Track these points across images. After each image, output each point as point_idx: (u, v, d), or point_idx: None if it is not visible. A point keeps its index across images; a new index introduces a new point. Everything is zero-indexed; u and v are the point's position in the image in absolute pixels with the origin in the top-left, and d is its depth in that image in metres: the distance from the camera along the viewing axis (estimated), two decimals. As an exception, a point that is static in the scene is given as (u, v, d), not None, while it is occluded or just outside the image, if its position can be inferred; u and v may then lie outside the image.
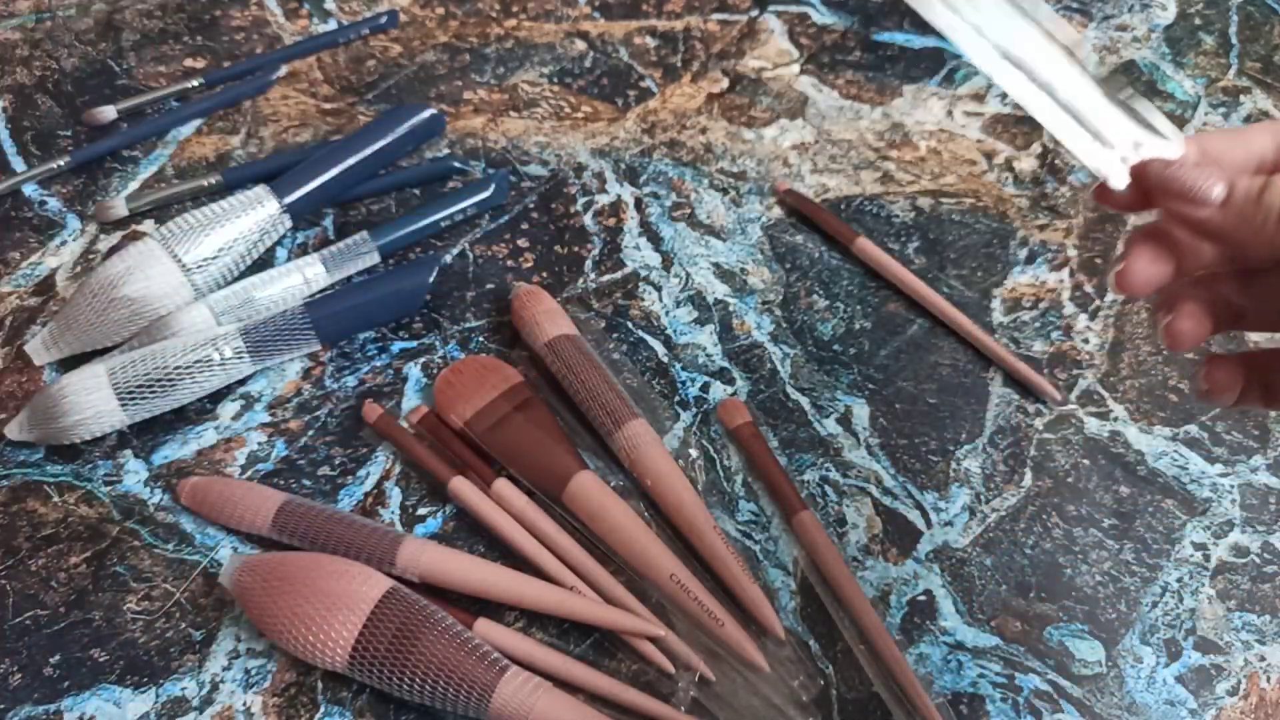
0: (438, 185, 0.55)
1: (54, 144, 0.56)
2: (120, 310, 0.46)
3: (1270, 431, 0.47)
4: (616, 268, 0.53)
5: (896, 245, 0.54)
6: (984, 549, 0.44)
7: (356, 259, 0.51)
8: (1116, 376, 0.49)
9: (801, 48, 0.63)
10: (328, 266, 0.50)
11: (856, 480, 0.46)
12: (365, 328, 0.50)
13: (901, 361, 0.50)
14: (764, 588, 0.42)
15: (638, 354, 0.49)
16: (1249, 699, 0.41)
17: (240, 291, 0.48)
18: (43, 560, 0.43)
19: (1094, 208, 0.55)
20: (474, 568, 0.41)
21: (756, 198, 0.56)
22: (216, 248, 0.48)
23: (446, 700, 0.37)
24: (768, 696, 0.39)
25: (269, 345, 0.47)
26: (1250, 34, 0.64)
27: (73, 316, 0.47)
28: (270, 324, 0.47)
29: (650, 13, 0.64)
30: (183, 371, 0.45)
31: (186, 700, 0.39)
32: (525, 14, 0.64)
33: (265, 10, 0.63)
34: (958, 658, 0.41)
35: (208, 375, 0.46)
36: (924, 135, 0.58)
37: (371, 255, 0.51)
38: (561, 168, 0.56)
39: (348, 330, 0.49)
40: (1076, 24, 0.64)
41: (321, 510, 0.42)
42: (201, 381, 0.46)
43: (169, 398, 0.45)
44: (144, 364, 0.45)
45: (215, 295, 0.48)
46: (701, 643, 0.40)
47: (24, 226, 0.53)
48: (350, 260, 0.51)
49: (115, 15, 0.63)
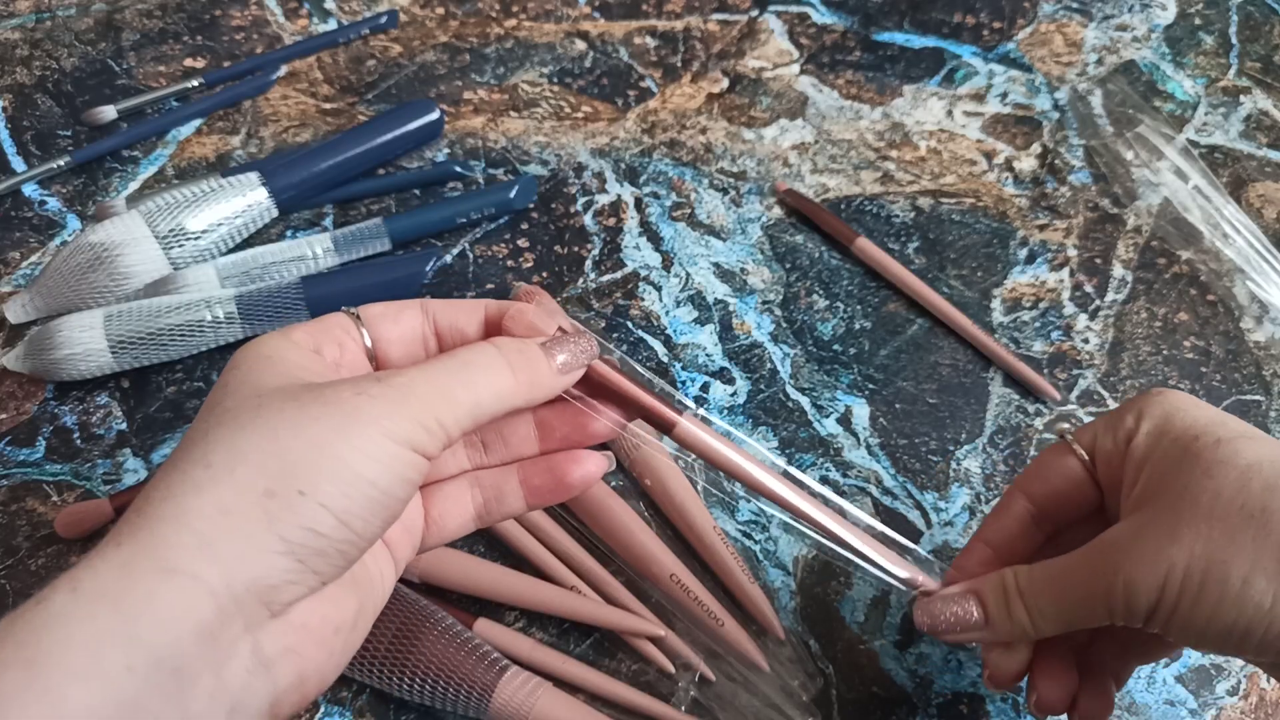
0: (449, 185, 0.55)
1: (54, 144, 0.56)
2: (97, 278, 0.48)
3: (1270, 431, 0.47)
4: (616, 268, 0.53)
5: (896, 245, 0.54)
6: (984, 549, 0.44)
7: (367, 243, 0.51)
8: (1116, 376, 0.49)
9: (801, 48, 0.63)
10: (338, 247, 0.51)
11: (856, 480, 0.46)
12: None
13: (901, 361, 0.50)
14: (764, 588, 0.42)
15: (638, 354, 0.49)
16: (1249, 699, 0.41)
17: (249, 259, 0.50)
18: (43, 560, 0.43)
19: (1093, 208, 0.55)
20: (474, 568, 0.41)
21: (756, 198, 0.56)
22: (198, 227, 0.49)
23: (446, 700, 0.37)
24: (768, 696, 0.39)
25: (260, 313, 0.48)
26: (1250, 34, 0.64)
27: (51, 280, 0.48)
28: (265, 293, 0.48)
29: (650, 13, 0.64)
30: (175, 329, 0.46)
31: (186, 700, 0.39)
32: (525, 14, 0.64)
33: (265, 10, 0.63)
34: (958, 657, 0.41)
35: (198, 335, 0.47)
36: (924, 135, 0.58)
37: (382, 242, 0.52)
38: (561, 168, 0.56)
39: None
40: (1077, 23, 0.64)
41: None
42: (192, 341, 0.47)
43: (158, 352, 0.47)
44: (138, 316, 0.46)
45: (224, 259, 0.49)
46: (701, 643, 0.40)
47: (24, 226, 0.53)
48: (361, 244, 0.51)
49: (115, 15, 0.63)
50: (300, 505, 0.24)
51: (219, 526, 0.23)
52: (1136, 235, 0.54)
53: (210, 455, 0.24)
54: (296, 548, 0.24)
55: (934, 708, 0.40)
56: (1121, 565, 0.29)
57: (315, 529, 0.24)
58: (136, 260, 0.48)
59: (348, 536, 0.25)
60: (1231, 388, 0.49)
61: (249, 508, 0.23)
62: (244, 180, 0.51)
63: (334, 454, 0.24)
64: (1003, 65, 0.62)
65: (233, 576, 0.23)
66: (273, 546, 0.23)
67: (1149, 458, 0.31)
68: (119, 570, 0.22)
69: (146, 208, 0.49)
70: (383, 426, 0.25)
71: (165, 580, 0.22)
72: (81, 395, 0.47)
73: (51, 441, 0.46)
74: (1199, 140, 0.58)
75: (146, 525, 0.23)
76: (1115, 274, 0.53)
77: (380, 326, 0.30)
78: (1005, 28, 0.64)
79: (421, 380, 0.26)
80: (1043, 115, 0.59)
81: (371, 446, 0.25)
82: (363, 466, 0.25)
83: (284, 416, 0.25)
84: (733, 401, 0.48)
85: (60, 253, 0.48)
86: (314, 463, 0.24)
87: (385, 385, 0.26)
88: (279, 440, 0.24)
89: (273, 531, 0.23)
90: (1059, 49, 0.63)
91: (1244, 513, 0.28)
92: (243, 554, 0.23)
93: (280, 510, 0.24)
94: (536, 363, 0.29)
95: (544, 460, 0.31)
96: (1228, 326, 0.51)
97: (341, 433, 0.24)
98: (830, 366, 0.49)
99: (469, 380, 0.27)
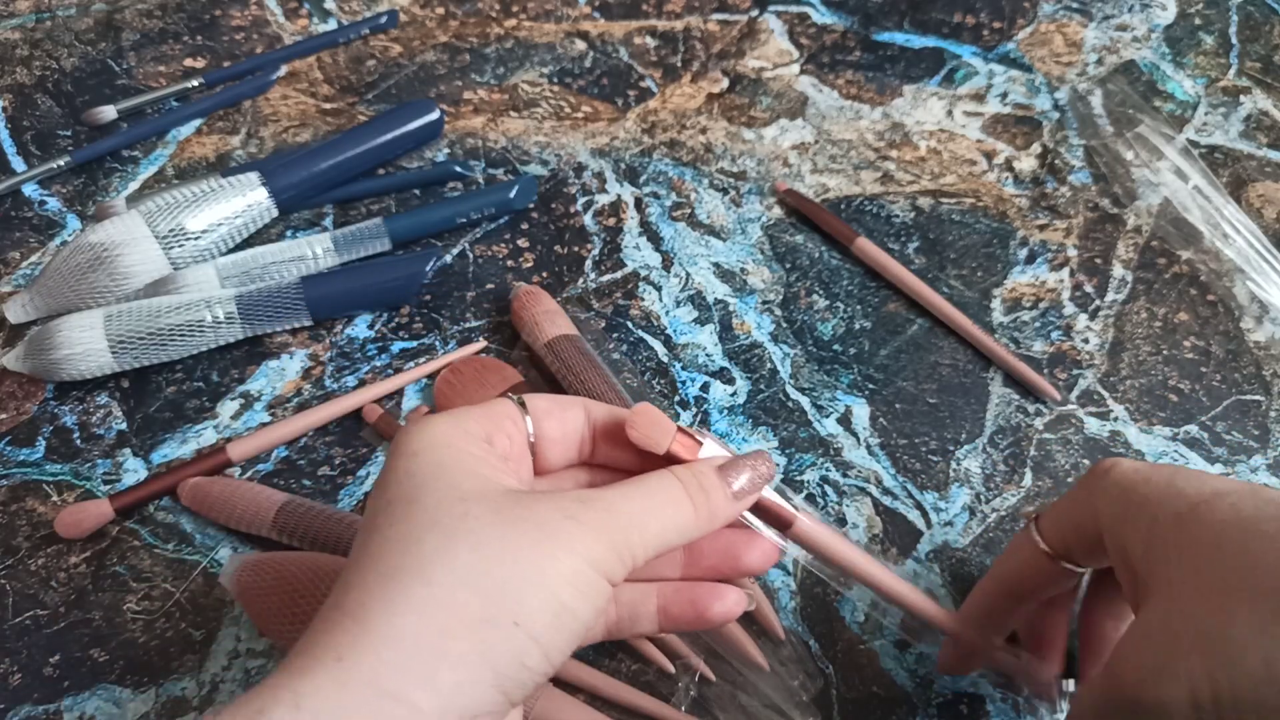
0: (449, 185, 0.55)
1: (54, 144, 0.56)
2: (97, 278, 0.48)
3: (1270, 431, 0.47)
4: (616, 268, 0.53)
5: (896, 245, 0.54)
6: (984, 549, 0.44)
7: (367, 243, 0.51)
8: (1116, 376, 0.49)
9: (801, 48, 0.63)
10: (338, 247, 0.51)
11: (856, 480, 0.46)
12: (357, 310, 0.50)
13: (901, 361, 0.50)
14: (764, 588, 0.42)
15: (638, 354, 0.49)
16: (1249, 699, 0.40)
17: (249, 259, 0.50)
18: (42, 560, 0.43)
19: (1093, 208, 0.55)
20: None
21: (756, 198, 0.55)
22: (198, 227, 0.49)
23: (446, 700, 0.37)
24: (768, 696, 0.39)
25: (260, 314, 0.48)
26: (1250, 34, 0.64)
27: (51, 281, 0.48)
28: (265, 293, 0.48)
29: (650, 13, 0.64)
30: (175, 329, 0.46)
31: (186, 700, 0.39)
32: (525, 14, 0.64)
33: (265, 10, 0.63)
34: (958, 658, 0.41)
35: (198, 335, 0.47)
36: (924, 135, 0.58)
37: (382, 242, 0.51)
38: (561, 168, 0.56)
39: (339, 310, 0.50)
40: (1077, 23, 0.64)
41: (321, 510, 0.42)
42: (192, 341, 0.47)
43: (158, 352, 0.47)
44: (138, 316, 0.46)
45: (224, 259, 0.49)
46: (701, 643, 0.40)
47: (24, 226, 0.53)
48: (360, 244, 0.51)
49: (115, 15, 0.63)
50: (514, 637, 0.24)
51: (439, 654, 0.23)
52: (1136, 235, 0.54)
53: (429, 571, 0.24)
54: (505, 680, 0.24)
55: (934, 708, 0.40)
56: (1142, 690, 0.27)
57: (525, 663, 0.24)
58: (136, 260, 0.48)
59: (546, 669, 0.25)
60: (1231, 388, 0.49)
61: (467, 634, 0.24)
62: (244, 180, 0.51)
63: (542, 582, 0.24)
64: (1003, 65, 0.62)
65: (447, 707, 0.23)
66: (486, 679, 0.24)
67: (1125, 550, 0.30)
68: (339, 690, 0.23)
69: (146, 208, 0.49)
70: (586, 553, 0.25)
71: (386, 705, 0.23)
72: (81, 395, 0.47)
73: (51, 441, 0.46)
74: (1199, 140, 0.58)
75: (370, 645, 0.23)
76: (1115, 274, 0.53)
77: (545, 424, 0.30)
78: (1005, 28, 0.64)
79: (619, 507, 0.26)
80: (1043, 115, 0.59)
81: (575, 575, 0.25)
82: (567, 596, 0.25)
83: (494, 533, 0.25)
84: (733, 401, 0.48)
85: (60, 253, 0.48)
86: (524, 590, 0.24)
87: (587, 508, 0.26)
88: (490, 560, 0.24)
89: (487, 664, 0.24)
90: (1059, 49, 0.63)
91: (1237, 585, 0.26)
92: (459, 686, 0.24)
93: (496, 641, 0.24)
94: (714, 493, 0.28)
95: (687, 589, 0.31)
96: (1228, 326, 0.51)
97: (551, 558, 0.25)
98: (830, 366, 0.49)
99: (657, 511, 0.27)
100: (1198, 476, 0.30)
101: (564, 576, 0.25)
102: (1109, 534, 0.31)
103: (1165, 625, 0.27)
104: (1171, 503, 0.29)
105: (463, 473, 0.26)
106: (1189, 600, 0.27)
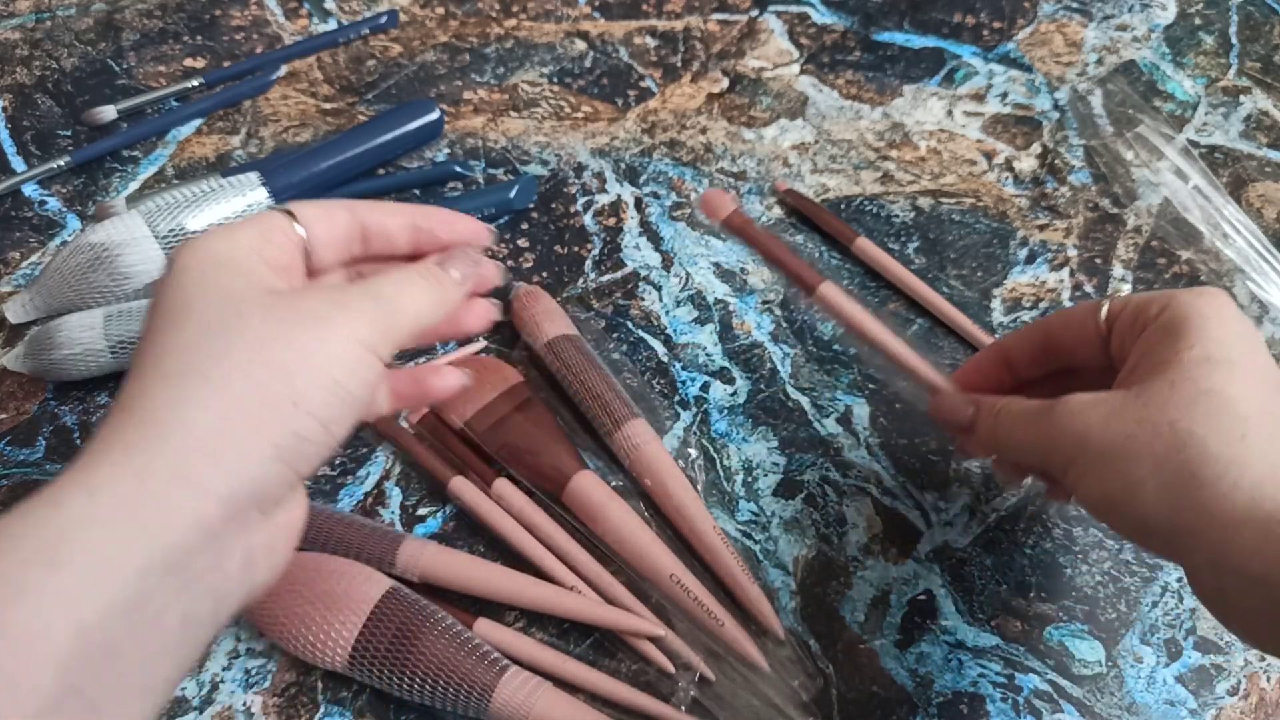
0: (449, 185, 0.55)
1: (54, 144, 0.56)
2: (97, 278, 0.48)
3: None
4: (616, 268, 0.53)
5: (896, 245, 0.54)
6: (984, 549, 0.44)
7: None
8: (1116, 376, 0.49)
9: (801, 48, 0.63)
10: None
11: (856, 480, 0.46)
12: None
13: (901, 361, 0.50)
14: (764, 588, 0.42)
15: (638, 354, 0.49)
16: (1249, 699, 0.41)
17: None
18: (43, 560, 0.43)
19: (1093, 208, 0.55)
20: (474, 568, 0.41)
21: (756, 198, 0.56)
22: (198, 227, 0.49)
23: (446, 700, 0.37)
24: (768, 696, 0.39)
25: None
26: (1250, 34, 0.64)
27: (51, 281, 0.48)
28: None
29: (650, 13, 0.64)
30: None
31: (186, 700, 0.39)
32: (525, 14, 0.64)
33: (265, 10, 0.63)
34: (958, 657, 0.41)
35: None
36: (924, 135, 0.58)
37: None
38: (561, 168, 0.56)
39: None
40: (1077, 23, 0.64)
41: (321, 510, 0.42)
42: None
43: None
44: (138, 316, 0.46)
45: None
46: (701, 643, 0.40)
47: (24, 226, 0.53)
48: None
49: (115, 15, 0.63)
50: (293, 416, 0.26)
51: (222, 437, 0.25)
52: (1136, 235, 0.54)
53: (206, 369, 0.26)
54: (286, 452, 0.26)
55: (934, 708, 0.40)
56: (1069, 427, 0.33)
57: (306, 437, 0.27)
58: (136, 260, 0.48)
59: (328, 440, 0.28)
60: (1231, 388, 0.49)
61: (246, 418, 0.26)
62: (244, 180, 0.51)
63: (315, 364, 0.27)
64: (1003, 65, 0.62)
65: (236, 483, 0.25)
66: (269, 454, 0.26)
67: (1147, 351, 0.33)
68: (134, 478, 0.24)
69: (146, 208, 0.49)
70: (354, 334, 0.28)
71: (179, 489, 0.25)
72: (81, 395, 0.47)
73: (51, 441, 0.46)
74: (1199, 140, 0.58)
75: (158, 435, 0.25)
76: (1115, 274, 0.53)
77: (316, 228, 0.31)
78: (1005, 28, 0.64)
79: (378, 292, 0.30)
80: (1043, 115, 0.59)
81: (345, 354, 0.28)
82: (340, 373, 0.27)
83: (267, 328, 0.27)
84: (733, 401, 0.48)
85: (60, 253, 0.48)
86: (297, 372, 0.27)
87: (350, 295, 0.29)
88: (266, 352, 0.27)
89: (269, 441, 0.26)
90: (1059, 49, 0.63)
91: (1172, 429, 0.31)
92: (244, 464, 0.26)
93: (276, 420, 0.26)
94: (442, 278, 0.32)
95: (410, 371, 0.34)
96: (1228, 326, 0.51)
97: (320, 340, 0.27)
98: (830, 366, 0.49)
99: (409, 294, 0.30)
100: (1260, 357, 0.33)
101: (334, 357, 0.27)
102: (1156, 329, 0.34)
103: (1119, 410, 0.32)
104: (1215, 348, 0.32)
105: (234, 280, 0.28)
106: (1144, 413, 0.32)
